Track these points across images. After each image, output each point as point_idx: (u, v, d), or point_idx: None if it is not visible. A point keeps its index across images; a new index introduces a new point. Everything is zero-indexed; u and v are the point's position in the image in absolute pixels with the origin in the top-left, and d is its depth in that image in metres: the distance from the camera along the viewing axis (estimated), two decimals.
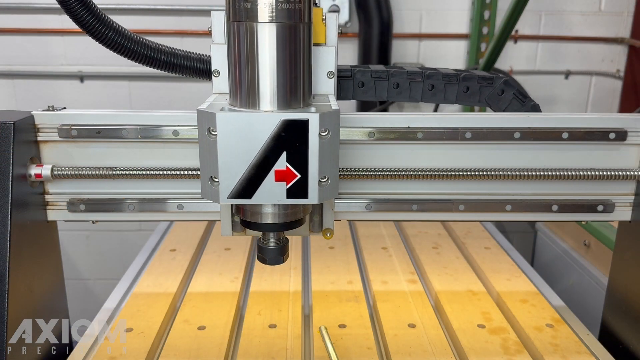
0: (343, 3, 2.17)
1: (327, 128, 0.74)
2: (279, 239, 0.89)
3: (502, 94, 0.98)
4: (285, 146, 0.74)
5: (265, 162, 0.75)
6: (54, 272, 1.08)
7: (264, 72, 0.74)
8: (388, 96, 1.00)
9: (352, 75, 0.98)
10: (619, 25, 2.35)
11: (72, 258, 2.56)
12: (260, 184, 0.76)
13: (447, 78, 0.98)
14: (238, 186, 0.76)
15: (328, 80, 0.91)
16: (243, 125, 0.73)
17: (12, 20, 2.22)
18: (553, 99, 2.42)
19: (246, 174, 0.75)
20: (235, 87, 0.78)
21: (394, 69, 1.00)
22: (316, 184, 0.76)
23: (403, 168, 0.97)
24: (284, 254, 0.90)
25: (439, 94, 0.99)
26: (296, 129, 0.73)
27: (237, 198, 0.76)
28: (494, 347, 1.11)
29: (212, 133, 0.74)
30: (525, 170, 0.97)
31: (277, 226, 0.84)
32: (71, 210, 1.01)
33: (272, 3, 0.72)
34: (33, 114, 0.97)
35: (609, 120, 0.98)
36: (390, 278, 1.42)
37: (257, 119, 0.74)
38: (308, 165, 0.75)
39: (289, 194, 0.77)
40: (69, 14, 0.84)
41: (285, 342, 1.12)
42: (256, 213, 0.83)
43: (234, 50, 0.76)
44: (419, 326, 1.19)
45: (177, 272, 1.43)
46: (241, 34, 0.74)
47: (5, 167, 0.90)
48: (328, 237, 1.01)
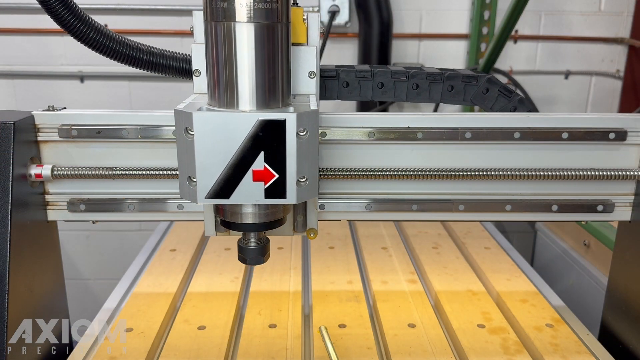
0: (343, 3, 2.17)
1: (305, 128, 0.74)
2: (260, 239, 0.89)
3: (487, 92, 0.98)
4: (262, 146, 0.74)
5: (243, 162, 0.74)
6: (54, 272, 1.08)
7: (241, 71, 0.74)
8: (373, 96, 0.99)
9: (336, 75, 0.98)
10: (619, 25, 2.35)
11: (72, 258, 2.56)
12: (238, 184, 0.76)
13: (431, 77, 0.98)
14: (216, 186, 0.76)
15: (309, 80, 0.91)
16: (220, 125, 0.73)
17: (12, 20, 2.22)
18: (553, 99, 2.42)
19: (224, 174, 0.75)
20: (213, 87, 0.77)
21: (379, 68, 0.99)
22: (294, 184, 0.76)
23: (403, 168, 0.97)
24: (264, 254, 0.89)
25: (424, 93, 0.99)
26: (273, 128, 0.73)
27: (215, 198, 0.76)
28: (494, 347, 1.11)
29: (189, 133, 0.73)
30: (525, 170, 0.97)
31: (256, 226, 0.84)
32: (71, 210, 1.01)
33: (249, 3, 0.72)
34: (33, 114, 0.97)
35: (608, 120, 0.98)
36: (390, 278, 1.42)
37: (234, 118, 0.73)
38: (286, 165, 0.75)
39: (267, 194, 0.77)
40: (50, 13, 0.84)
41: (285, 342, 1.12)
42: (235, 213, 0.83)
43: (211, 50, 0.76)
44: (419, 326, 1.19)
45: (177, 272, 1.43)
46: (218, 33, 0.74)
47: (5, 167, 0.90)
48: (312, 237, 1.01)
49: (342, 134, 0.96)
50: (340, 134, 0.96)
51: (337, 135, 0.96)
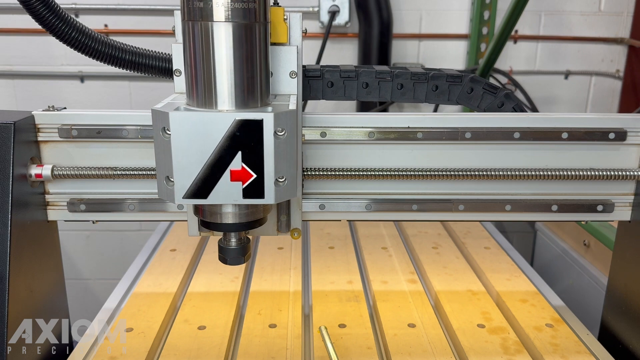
0: (343, 3, 2.17)
1: (283, 128, 0.74)
2: (240, 239, 0.88)
3: (472, 92, 0.98)
4: (240, 146, 0.74)
5: (220, 162, 0.74)
6: (54, 272, 1.08)
7: (218, 71, 0.74)
8: (358, 96, 0.99)
9: (321, 75, 0.98)
10: (619, 25, 2.35)
11: (73, 258, 2.56)
12: (216, 184, 0.75)
13: (415, 77, 0.98)
14: (193, 186, 0.75)
15: (291, 80, 0.90)
16: (197, 125, 0.73)
17: (12, 20, 2.22)
18: (553, 99, 2.42)
19: (201, 174, 0.75)
20: (191, 87, 0.77)
21: (363, 68, 0.99)
22: (272, 184, 0.76)
23: (403, 168, 0.97)
24: (245, 254, 0.89)
25: (409, 93, 0.99)
26: (251, 128, 0.73)
27: (192, 198, 0.76)
28: (494, 347, 1.11)
29: (166, 132, 0.73)
30: (525, 170, 0.97)
31: (236, 226, 0.83)
32: (71, 210, 1.01)
33: (225, 2, 0.71)
34: (33, 114, 0.97)
35: (608, 120, 0.98)
36: (390, 278, 1.42)
37: (211, 118, 0.73)
38: (264, 165, 0.75)
39: (245, 194, 0.76)
40: (31, 13, 0.84)
41: (285, 342, 1.12)
42: (215, 213, 0.82)
43: (189, 49, 0.75)
44: (419, 326, 1.19)
45: (177, 272, 1.43)
46: (195, 33, 0.74)
47: (5, 167, 0.90)
48: (295, 237, 1.00)
49: (342, 134, 0.96)
50: (340, 134, 0.96)
51: (337, 135, 0.96)
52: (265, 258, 1.54)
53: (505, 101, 0.98)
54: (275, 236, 1.01)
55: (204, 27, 0.73)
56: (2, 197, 0.91)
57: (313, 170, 0.96)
